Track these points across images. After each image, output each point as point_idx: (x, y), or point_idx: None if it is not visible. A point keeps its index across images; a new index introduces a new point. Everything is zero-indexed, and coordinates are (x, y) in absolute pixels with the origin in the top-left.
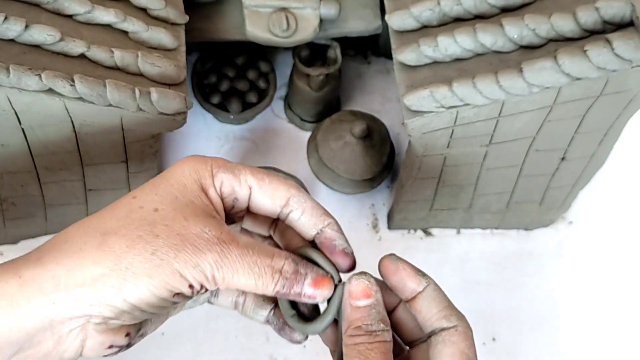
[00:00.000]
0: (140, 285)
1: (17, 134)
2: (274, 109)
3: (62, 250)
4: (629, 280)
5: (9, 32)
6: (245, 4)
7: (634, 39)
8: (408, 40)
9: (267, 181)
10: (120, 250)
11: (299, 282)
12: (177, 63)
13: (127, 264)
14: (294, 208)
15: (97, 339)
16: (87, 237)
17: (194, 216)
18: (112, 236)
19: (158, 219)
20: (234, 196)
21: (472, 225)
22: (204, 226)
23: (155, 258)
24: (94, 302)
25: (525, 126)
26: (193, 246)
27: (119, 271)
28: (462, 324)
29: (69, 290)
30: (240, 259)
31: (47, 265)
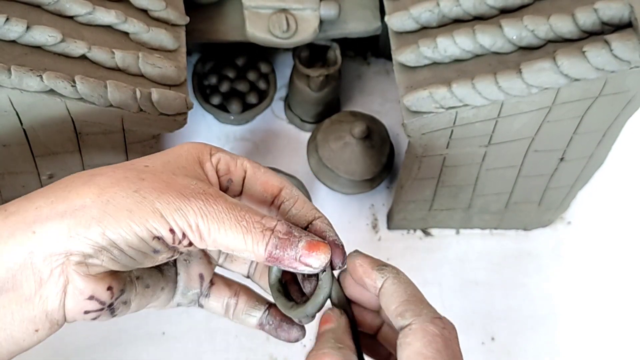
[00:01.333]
0: (120, 219)
1: (18, 135)
2: (274, 109)
3: (50, 188)
4: (627, 280)
5: (11, 33)
6: (246, 5)
7: (632, 40)
8: (407, 41)
9: (262, 170)
10: (104, 185)
11: (292, 244)
12: (177, 64)
13: (109, 197)
14: (285, 199)
15: (78, 284)
16: (76, 177)
17: (184, 175)
18: (99, 176)
19: (147, 170)
20: (229, 176)
21: (471, 225)
22: (192, 180)
23: (137, 195)
24: (73, 233)
25: (524, 127)
26: (178, 192)
27: (100, 203)
28: (418, 320)
29: (50, 220)
30: (227, 211)
31: (33, 199)
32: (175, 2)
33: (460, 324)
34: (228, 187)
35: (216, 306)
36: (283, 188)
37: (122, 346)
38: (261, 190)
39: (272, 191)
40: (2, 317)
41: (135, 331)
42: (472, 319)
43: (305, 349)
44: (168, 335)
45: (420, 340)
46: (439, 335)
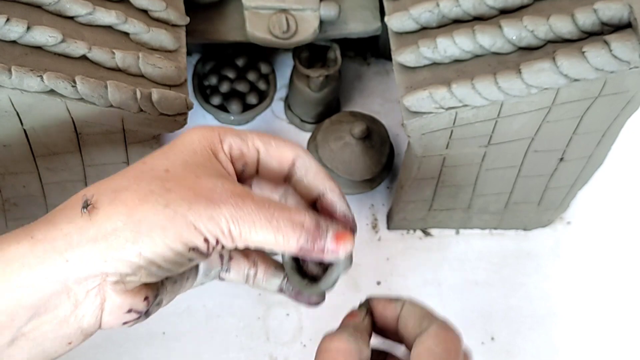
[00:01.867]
0: (155, 238)
1: (19, 135)
2: (274, 110)
3: (73, 209)
4: (626, 280)
5: (11, 34)
6: (246, 5)
7: (631, 41)
8: (407, 41)
9: (274, 143)
10: (132, 204)
11: (321, 237)
12: (177, 64)
13: (140, 216)
14: (299, 168)
15: (115, 301)
16: (99, 196)
17: (206, 175)
18: (124, 192)
19: (169, 177)
20: (243, 160)
21: (470, 225)
22: (216, 181)
23: (168, 210)
24: (108, 257)
25: (523, 127)
26: (207, 199)
27: (132, 224)
28: (434, 326)
29: (82, 247)
30: (257, 211)
31: (59, 225)
32: (176, 2)
33: (460, 324)
34: (243, 171)
35: (236, 277)
36: (297, 158)
37: (122, 346)
38: (276, 166)
39: (287, 164)
40: (36, 337)
41: (135, 331)
42: (471, 318)
43: (306, 348)
44: (168, 335)
45: (432, 339)
46: (449, 339)
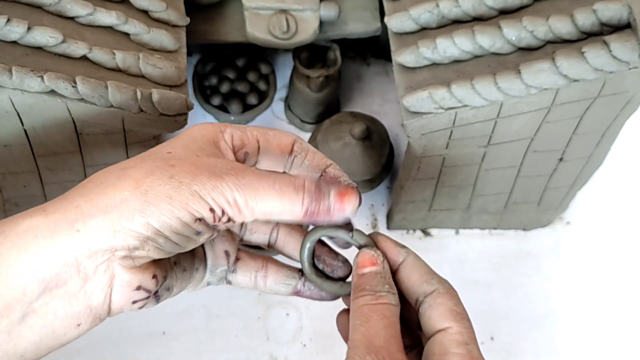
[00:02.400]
0: (162, 207)
1: (19, 135)
2: (274, 110)
3: (84, 187)
4: (625, 280)
5: (12, 34)
6: (246, 6)
7: (631, 41)
8: (407, 42)
9: (272, 133)
10: (138, 177)
11: (324, 197)
12: (178, 65)
13: (147, 187)
14: (298, 152)
15: (124, 277)
16: (107, 173)
17: (206, 155)
18: (131, 169)
19: (172, 156)
20: (244, 150)
21: (470, 225)
22: (216, 159)
23: (173, 181)
24: (117, 227)
25: (523, 127)
26: (209, 172)
27: (139, 194)
28: (444, 286)
29: (92, 217)
30: (258, 179)
31: (70, 198)
32: (176, 3)
33: None
34: (245, 160)
35: (244, 280)
36: (294, 142)
37: (123, 346)
38: (277, 153)
39: (287, 149)
40: (46, 314)
41: (135, 331)
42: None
43: (306, 348)
44: (168, 335)
45: (451, 300)
46: (459, 298)
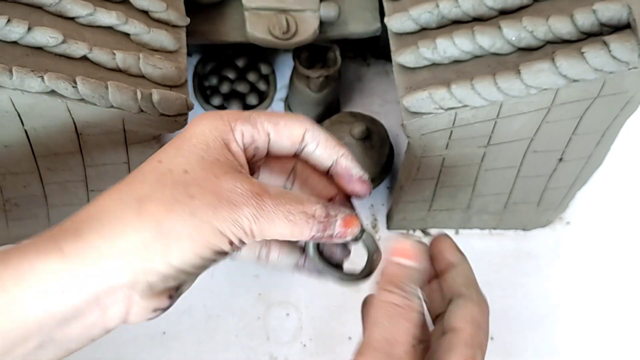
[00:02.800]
0: (184, 248)
1: (19, 135)
2: (274, 110)
3: (100, 220)
4: (625, 280)
5: (12, 34)
6: (246, 6)
7: (630, 41)
8: (407, 42)
9: (282, 123)
10: (159, 215)
11: (331, 225)
12: (178, 65)
13: (169, 228)
14: (309, 142)
15: (141, 305)
16: (123, 205)
17: (224, 173)
18: (148, 201)
19: (190, 180)
20: (255, 145)
21: (470, 225)
22: (235, 182)
23: (195, 219)
24: (138, 269)
25: (523, 127)
26: (229, 202)
27: (161, 236)
28: (479, 297)
29: (113, 260)
30: (274, 209)
31: (87, 237)
32: (176, 3)
33: None
34: (255, 155)
35: (247, 256)
36: (306, 132)
37: (123, 346)
38: (287, 144)
39: (298, 140)
40: (63, 341)
41: (135, 331)
42: None
43: (306, 348)
44: (168, 335)
45: (477, 308)
46: (487, 315)
